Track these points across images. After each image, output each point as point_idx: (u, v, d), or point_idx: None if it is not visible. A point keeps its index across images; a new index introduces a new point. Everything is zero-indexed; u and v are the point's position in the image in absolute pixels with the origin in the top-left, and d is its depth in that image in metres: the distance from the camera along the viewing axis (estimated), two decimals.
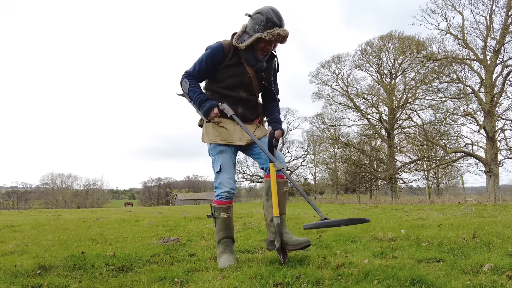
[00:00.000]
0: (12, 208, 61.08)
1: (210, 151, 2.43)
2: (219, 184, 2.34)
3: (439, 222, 4.32)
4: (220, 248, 2.33)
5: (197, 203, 59.71)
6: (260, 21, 2.18)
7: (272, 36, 2.14)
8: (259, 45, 2.22)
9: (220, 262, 2.25)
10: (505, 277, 1.68)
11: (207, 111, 2.24)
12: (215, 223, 2.36)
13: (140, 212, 11.11)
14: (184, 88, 2.35)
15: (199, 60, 2.32)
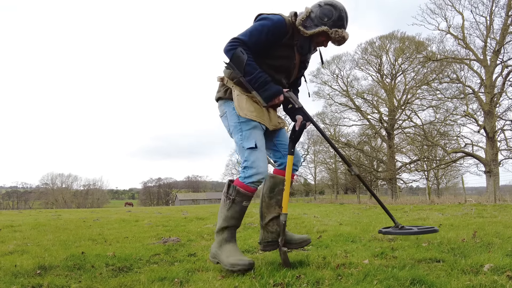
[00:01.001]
0: (12, 208, 61.05)
1: (239, 127, 2.07)
2: (252, 163, 2.00)
3: (439, 222, 4.32)
4: (224, 235, 2.05)
5: (197, 203, 59.71)
6: (331, 15, 2.04)
7: (338, 36, 2.04)
8: (319, 38, 2.08)
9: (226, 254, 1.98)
10: (505, 277, 1.68)
11: (272, 95, 1.99)
12: (229, 208, 2.04)
13: (140, 212, 11.11)
14: (238, 59, 1.96)
15: (257, 30, 1.99)
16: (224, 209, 2.07)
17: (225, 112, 2.15)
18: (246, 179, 2.02)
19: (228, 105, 2.14)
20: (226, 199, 2.06)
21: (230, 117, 2.13)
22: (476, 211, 6.59)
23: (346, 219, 5.68)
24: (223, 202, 2.08)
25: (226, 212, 2.05)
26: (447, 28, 20.30)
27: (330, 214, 7.44)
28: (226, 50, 2.00)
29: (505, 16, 17.83)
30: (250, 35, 1.99)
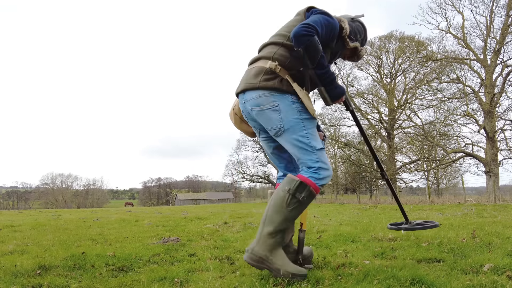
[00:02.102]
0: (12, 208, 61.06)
1: (302, 124, 1.86)
2: (324, 164, 1.85)
3: (439, 222, 4.31)
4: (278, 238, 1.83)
5: (197, 203, 59.73)
6: (361, 33, 2.09)
7: (362, 54, 2.11)
8: (346, 52, 2.09)
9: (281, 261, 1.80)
10: (505, 277, 1.68)
11: (339, 95, 1.88)
12: (293, 208, 1.81)
13: (140, 212, 11.11)
14: (314, 48, 1.75)
15: (325, 25, 1.85)
16: (285, 209, 1.81)
17: (277, 105, 1.85)
18: (320, 181, 1.84)
19: (283, 98, 1.86)
20: (292, 198, 1.81)
21: (286, 111, 1.86)
22: (476, 211, 6.59)
23: (346, 219, 5.68)
24: (286, 202, 1.81)
25: (289, 213, 1.82)
26: (447, 27, 20.33)
27: (330, 214, 7.44)
28: (301, 35, 1.74)
29: (505, 16, 17.84)
30: (321, 27, 1.82)
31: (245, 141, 45.02)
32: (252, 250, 1.83)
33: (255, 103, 1.89)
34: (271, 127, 1.90)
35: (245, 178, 45.00)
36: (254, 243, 1.85)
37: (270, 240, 1.82)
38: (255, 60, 2.01)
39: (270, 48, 1.96)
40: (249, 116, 1.99)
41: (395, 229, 2.18)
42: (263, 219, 1.87)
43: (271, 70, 1.88)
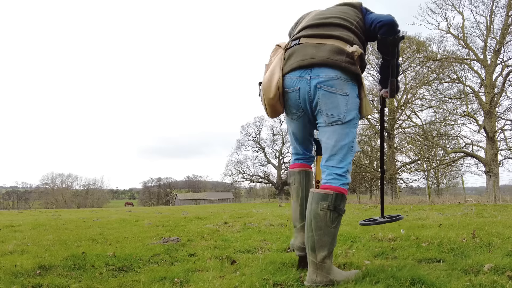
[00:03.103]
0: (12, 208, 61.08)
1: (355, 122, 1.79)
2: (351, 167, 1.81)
3: (439, 222, 4.32)
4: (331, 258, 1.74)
5: (197, 203, 59.75)
6: None
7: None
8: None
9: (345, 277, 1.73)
10: (505, 277, 1.68)
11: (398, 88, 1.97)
12: (337, 224, 1.72)
13: (140, 212, 11.11)
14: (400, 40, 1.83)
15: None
16: (331, 228, 1.69)
17: (348, 94, 1.72)
18: (346, 186, 1.74)
19: (353, 89, 1.76)
20: (334, 213, 1.69)
21: (352, 104, 1.75)
22: (476, 211, 6.59)
23: (346, 219, 5.68)
24: (329, 220, 1.68)
25: (334, 230, 1.70)
26: (448, 27, 20.33)
27: None
28: (396, 24, 1.80)
29: (505, 16, 17.84)
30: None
31: (245, 141, 45.09)
32: (315, 282, 1.68)
33: (328, 83, 1.70)
34: (332, 113, 1.72)
35: (245, 178, 45.05)
36: (311, 274, 1.70)
37: (327, 263, 1.70)
38: (322, 36, 1.81)
39: (342, 30, 1.82)
40: (307, 94, 1.75)
41: (367, 224, 2.17)
42: (309, 246, 1.71)
43: (351, 55, 1.72)
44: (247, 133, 45.12)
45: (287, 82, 1.79)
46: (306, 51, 1.77)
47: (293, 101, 1.81)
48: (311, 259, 1.71)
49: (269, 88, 1.78)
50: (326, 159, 1.78)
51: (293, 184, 2.02)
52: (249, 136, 44.97)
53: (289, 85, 1.79)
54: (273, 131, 44.75)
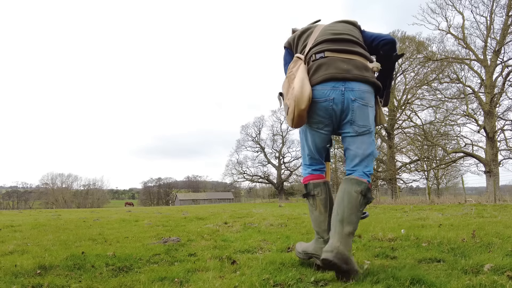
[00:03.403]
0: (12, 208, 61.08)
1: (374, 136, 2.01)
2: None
3: (439, 222, 4.32)
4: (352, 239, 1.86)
5: (197, 203, 59.75)
6: None
7: None
8: None
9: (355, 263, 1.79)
10: (505, 277, 1.68)
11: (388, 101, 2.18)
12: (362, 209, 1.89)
13: (140, 212, 11.11)
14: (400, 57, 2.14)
15: None
16: (358, 211, 1.86)
17: (372, 106, 1.92)
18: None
19: (374, 100, 1.97)
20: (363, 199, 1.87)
21: (373, 115, 1.96)
22: (476, 211, 6.59)
23: None
24: (359, 203, 1.86)
25: (360, 214, 1.89)
26: (448, 28, 20.32)
27: None
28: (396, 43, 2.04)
29: (505, 16, 17.84)
30: None
31: (245, 141, 45.09)
32: (337, 249, 1.72)
33: (361, 96, 1.86)
34: (364, 124, 1.89)
35: (245, 178, 45.03)
36: (335, 242, 1.76)
37: (349, 240, 1.79)
38: (346, 51, 1.95)
39: (358, 47, 2.01)
40: (341, 104, 1.86)
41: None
42: (339, 218, 1.81)
43: (373, 71, 1.95)
44: (247, 133, 45.14)
45: (318, 92, 1.88)
46: (338, 65, 1.90)
47: (324, 110, 1.90)
48: (338, 230, 1.79)
49: (302, 99, 1.84)
50: (355, 164, 1.95)
51: (319, 195, 2.04)
52: (249, 136, 44.99)
53: (321, 95, 1.88)
54: (273, 131, 44.76)
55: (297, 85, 1.86)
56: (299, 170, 44.26)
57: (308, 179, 2.09)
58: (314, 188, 2.04)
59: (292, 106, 1.86)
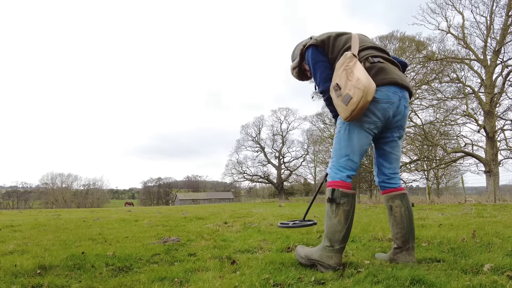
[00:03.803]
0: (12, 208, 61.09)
1: None
2: None
3: (439, 222, 4.32)
4: None
5: (197, 203, 59.76)
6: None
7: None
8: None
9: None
10: (505, 277, 1.68)
11: None
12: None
13: (140, 212, 11.11)
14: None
15: None
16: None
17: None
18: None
19: None
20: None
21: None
22: (476, 211, 6.59)
23: None
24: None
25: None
26: (448, 27, 20.30)
27: None
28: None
29: (505, 16, 17.82)
30: None
31: (245, 141, 45.12)
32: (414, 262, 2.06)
33: (408, 104, 2.09)
34: (404, 130, 2.14)
35: (245, 178, 45.05)
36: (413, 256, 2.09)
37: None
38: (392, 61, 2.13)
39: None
40: (397, 108, 2.01)
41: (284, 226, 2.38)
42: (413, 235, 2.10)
43: None
44: (247, 133, 45.17)
45: (381, 93, 1.96)
46: (396, 73, 2.06)
47: (383, 111, 1.97)
48: (413, 244, 2.09)
49: (370, 90, 1.85)
50: (395, 167, 2.16)
51: (345, 206, 1.98)
52: (249, 136, 45.02)
53: (384, 96, 1.96)
54: (273, 131, 44.80)
55: (364, 78, 1.86)
56: (299, 170, 44.31)
57: (338, 185, 1.99)
58: (342, 197, 1.97)
59: (358, 96, 1.83)
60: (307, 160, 42.86)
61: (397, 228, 2.09)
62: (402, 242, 2.08)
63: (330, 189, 2.00)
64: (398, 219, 2.09)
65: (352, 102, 1.85)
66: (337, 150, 2.05)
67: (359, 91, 1.83)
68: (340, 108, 1.92)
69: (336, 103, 1.95)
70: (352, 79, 1.87)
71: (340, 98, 1.90)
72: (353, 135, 2.00)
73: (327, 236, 1.98)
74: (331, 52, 2.11)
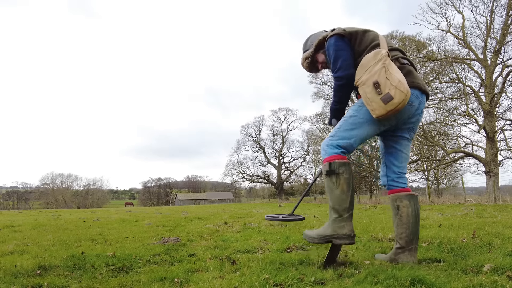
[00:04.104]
0: (12, 208, 61.10)
1: None
2: None
3: (439, 222, 4.32)
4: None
5: (197, 203, 59.77)
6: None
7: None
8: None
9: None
10: (505, 277, 1.68)
11: None
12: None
13: (140, 212, 11.11)
14: None
15: None
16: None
17: None
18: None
19: None
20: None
21: None
22: (476, 211, 6.59)
23: None
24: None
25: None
26: (448, 27, 20.31)
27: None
28: None
29: (505, 15, 17.83)
30: None
31: (245, 141, 45.11)
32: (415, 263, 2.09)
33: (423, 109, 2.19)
34: (416, 131, 2.20)
35: (245, 178, 45.04)
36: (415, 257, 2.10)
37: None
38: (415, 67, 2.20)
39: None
40: (415, 112, 2.10)
41: (271, 219, 2.37)
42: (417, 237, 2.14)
43: None
44: (247, 133, 45.17)
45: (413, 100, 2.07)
46: (420, 77, 2.15)
47: (402, 113, 2.04)
48: (416, 246, 2.11)
49: (409, 95, 1.92)
50: (404, 166, 2.20)
51: (344, 174, 2.04)
52: (249, 136, 45.02)
53: (413, 103, 2.07)
54: (273, 131, 44.80)
55: (405, 81, 1.92)
56: (299, 170, 44.31)
57: (334, 158, 2.06)
58: (340, 167, 2.04)
59: (400, 99, 1.88)
60: (307, 160, 42.90)
61: (402, 228, 2.10)
62: (406, 242, 2.09)
63: (327, 164, 2.05)
64: (404, 219, 2.10)
65: (392, 102, 1.88)
66: (343, 131, 2.09)
67: (402, 94, 1.87)
68: (376, 105, 1.93)
69: (372, 99, 1.94)
70: (391, 78, 1.90)
71: (380, 96, 1.91)
72: (367, 124, 2.06)
73: (334, 208, 2.05)
74: (359, 45, 2.14)
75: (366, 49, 2.10)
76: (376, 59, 1.97)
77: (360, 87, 2.01)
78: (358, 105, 2.10)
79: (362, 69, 2.00)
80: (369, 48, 2.09)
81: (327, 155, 2.08)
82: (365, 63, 2.00)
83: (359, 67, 2.03)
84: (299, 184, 47.46)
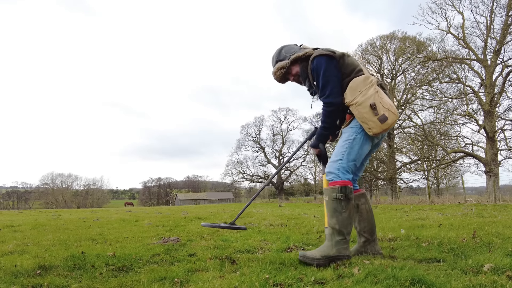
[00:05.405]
0: (12, 208, 61.12)
1: None
2: None
3: (439, 222, 4.32)
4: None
5: (197, 203, 59.79)
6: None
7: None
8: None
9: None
10: (505, 277, 1.68)
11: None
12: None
13: (140, 212, 11.11)
14: None
15: None
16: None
17: None
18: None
19: None
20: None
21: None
22: (476, 211, 6.59)
23: None
24: None
25: None
26: (448, 27, 20.31)
27: None
28: None
29: (505, 16, 17.82)
30: None
31: (245, 141, 45.10)
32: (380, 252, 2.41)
33: None
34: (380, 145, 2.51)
35: (245, 178, 45.03)
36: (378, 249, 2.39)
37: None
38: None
39: None
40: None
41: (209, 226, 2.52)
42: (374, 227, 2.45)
43: None
44: (247, 133, 45.15)
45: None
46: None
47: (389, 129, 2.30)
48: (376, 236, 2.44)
49: (397, 113, 2.23)
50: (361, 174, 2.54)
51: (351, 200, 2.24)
52: (249, 136, 45.00)
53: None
54: (273, 131, 44.79)
55: (394, 106, 2.23)
56: (299, 170, 44.30)
57: (347, 183, 2.20)
58: (350, 192, 2.21)
59: (393, 119, 2.18)
60: (307, 160, 42.86)
61: (364, 222, 2.42)
62: (370, 234, 2.39)
63: (339, 188, 2.17)
64: (364, 215, 2.42)
65: (387, 122, 2.16)
66: (348, 154, 2.25)
67: (393, 115, 2.17)
68: (373, 124, 2.16)
69: (370, 118, 2.16)
70: (383, 102, 2.17)
71: (377, 116, 2.15)
72: (365, 145, 2.27)
73: (340, 231, 2.16)
74: (345, 67, 2.29)
75: (353, 72, 2.27)
76: (366, 84, 2.19)
77: (354, 107, 2.19)
78: (356, 127, 2.25)
79: (354, 91, 2.19)
80: (355, 72, 2.27)
81: (339, 179, 2.21)
82: (354, 86, 2.20)
83: (349, 89, 2.22)
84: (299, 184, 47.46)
